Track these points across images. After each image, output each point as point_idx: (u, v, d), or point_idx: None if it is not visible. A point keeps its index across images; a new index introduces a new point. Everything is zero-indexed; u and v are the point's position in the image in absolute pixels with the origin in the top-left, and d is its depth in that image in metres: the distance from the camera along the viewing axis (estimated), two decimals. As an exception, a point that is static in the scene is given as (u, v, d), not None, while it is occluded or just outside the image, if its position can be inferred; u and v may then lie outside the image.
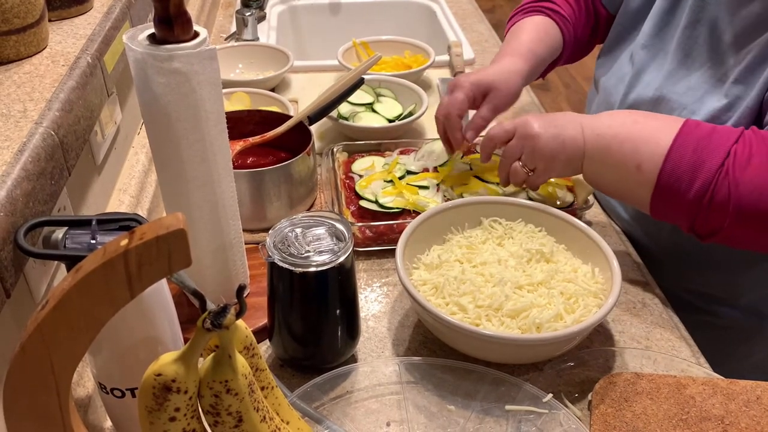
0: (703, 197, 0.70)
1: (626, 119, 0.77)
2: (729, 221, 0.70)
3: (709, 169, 0.70)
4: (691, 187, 0.71)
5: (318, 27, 1.69)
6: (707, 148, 0.71)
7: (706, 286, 0.94)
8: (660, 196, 0.74)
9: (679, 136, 0.72)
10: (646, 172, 0.73)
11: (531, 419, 0.67)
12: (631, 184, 0.76)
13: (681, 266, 0.93)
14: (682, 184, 0.71)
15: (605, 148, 0.77)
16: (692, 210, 0.72)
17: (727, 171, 0.69)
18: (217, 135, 0.66)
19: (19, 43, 0.70)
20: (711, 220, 0.71)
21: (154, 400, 0.45)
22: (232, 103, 1.13)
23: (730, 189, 0.69)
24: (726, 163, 0.70)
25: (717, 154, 0.70)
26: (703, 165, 0.70)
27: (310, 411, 0.67)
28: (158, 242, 0.40)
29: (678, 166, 0.72)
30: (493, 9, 3.96)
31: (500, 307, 0.71)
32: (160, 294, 0.57)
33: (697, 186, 0.70)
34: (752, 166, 0.69)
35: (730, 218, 0.70)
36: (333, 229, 0.68)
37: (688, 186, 0.71)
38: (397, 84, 1.20)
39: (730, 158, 0.70)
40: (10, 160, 0.55)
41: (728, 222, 0.70)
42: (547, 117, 0.82)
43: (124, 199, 0.86)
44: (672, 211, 0.75)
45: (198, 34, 0.61)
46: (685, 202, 0.72)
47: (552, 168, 0.81)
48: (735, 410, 0.65)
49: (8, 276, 0.51)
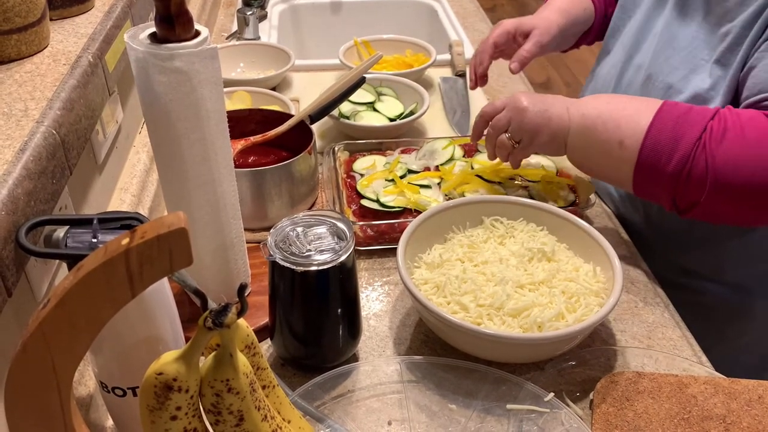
0: (682, 170, 0.73)
1: (610, 100, 0.81)
2: (707, 193, 0.73)
3: (687, 143, 0.73)
4: (671, 161, 0.74)
5: (319, 26, 1.69)
6: (685, 124, 0.74)
7: (691, 263, 0.95)
8: (641, 172, 0.77)
9: (659, 114, 0.76)
10: (628, 147, 0.76)
11: (532, 418, 0.67)
12: (614, 161, 0.79)
13: (668, 244, 0.95)
14: (662, 157, 0.74)
15: (590, 127, 0.80)
16: (672, 183, 0.75)
17: (704, 144, 0.72)
18: (219, 134, 0.66)
19: (21, 42, 0.70)
20: (690, 193, 0.74)
21: (156, 399, 0.45)
22: (234, 102, 1.13)
23: (707, 161, 0.72)
24: (703, 137, 0.73)
25: (694, 129, 0.73)
26: (682, 139, 0.73)
27: (311, 410, 0.67)
28: (159, 241, 0.40)
29: (658, 141, 0.75)
30: (494, 8, 3.95)
31: (502, 306, 0.71)
32: (162, 293, 0.57)
33: (676, 159, 0.73)
34: (727, 140, 0.72)
35: (708, 190, 0.72)
36: (334, 228, 0.68)
37: (668, 159, 0.74)
38: (399, 83, 1.20)
39: (706, 133, 0.73)
40: (11, 159, 0.55)
41: (706, 194, 0.73)
42: (536, 95, 0.87)
43: (126, 198, 0.86)
44: (653, 187, 0.77)
45: (199, 33, 0.61)
46: (665, 176, 0.75)
47: (536, 142, 0.85)
48: (737, 409, 0.65)
49: (10, 275, 0.51)
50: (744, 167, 0.71)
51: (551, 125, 0.83)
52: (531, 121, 0.84)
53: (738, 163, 0.71)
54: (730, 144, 0.72)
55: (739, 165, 0.71)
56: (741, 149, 0.71)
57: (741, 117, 0.73)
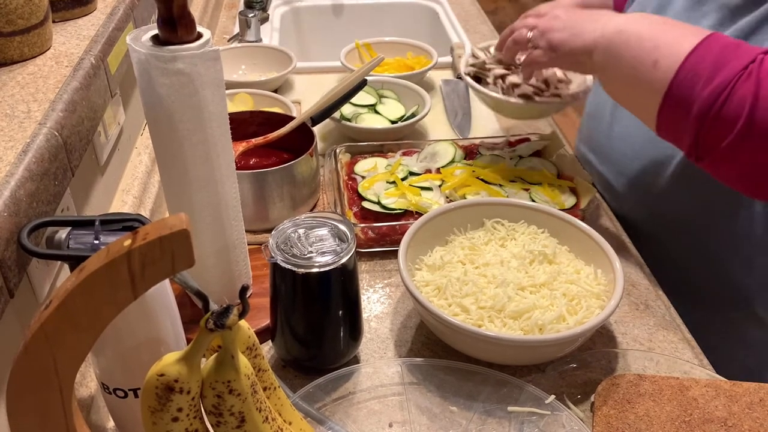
0: (716, 100, 0.65)
1: (655, 20, 0.75)
2: (737, 132, 0.65)
3: (731, 71, 0.65)
4: (706, 87, 0.66)
5: (321, 28, 1.69)
6: (732, 53, 0.67)
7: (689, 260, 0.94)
8: (671, 100, 0.70)
9: (705, 40, 0.69)
10: (662, 69, 0.70)
11: (533, 421, 0.67)
12: (643, 83, 0.72)
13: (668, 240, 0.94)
14: (698, 84, 0.67)
15: (624, 43, 0.74)
16: (701, 115, 0.67)
17: (750, 72, 0.65)
18: (220, 136, 0.66)
19: (23, 44, 0.70)
20: (718, 130, 0.66)
21: (157, 401, 0.45)
22: (235, 104, 1.14)
23: (748, 94, 0.64)
24: (750, 66, 0.65)
25: (742, 59, 0.66)
26: (725, 66, 0.66)
27: (312, 412, 0.67)
28: (161, 242, 0.40)
29: (697, 66, 0.68)
30: (495, 11, 3.95)
31: (503, 308, 0.71)
32: (163, 294, 0.57)
33: (713, 86, 0.66)
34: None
35: (740, 128, 0.65)
36: (336, 230, 0.68)
37: (704, 86, 0.66)
38: (400, 85, 1.20)
39: (755, 63, 0.65)
40: (13, 160, 0.55)
41: (736, 133, 0.65)
42: (577, 10, 0.83)
43: (127, 199, 0.86)
44: (679, 120, 0.70)
45: (201, 35, 0.61)
46: (696, 106, 0.67)
47: (552, 55, 0.82)
48: (738, 412, 0.65)
49: (12, 276, 0.51)
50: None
51: (576, 40, 0.78)
52: (554, 33, 0.80)
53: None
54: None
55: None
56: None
57: None
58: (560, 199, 0.93)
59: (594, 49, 0.78)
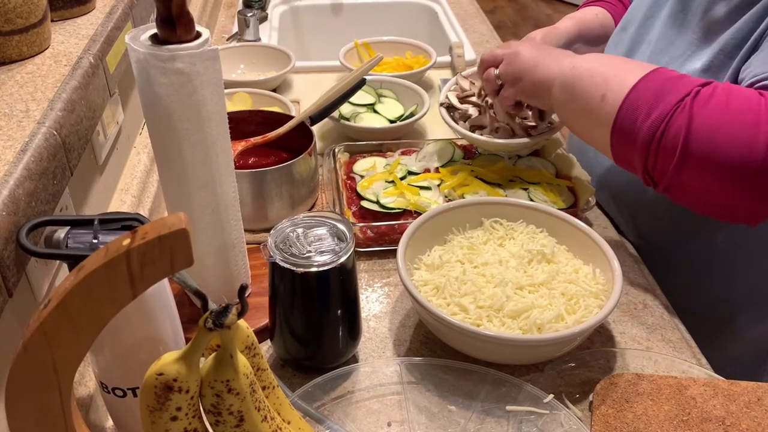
0: (656, 131, 0.69)
1: (607, 58, 0.81)
2: (677, 160, 0.69)
3: (668, 103, 0.69)
4: (647, 119, 0.70)
5: (320, 27, 1.69)
6: (672, 86, 0.71)
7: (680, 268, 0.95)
8: (618, 131, 0.73)
9: (649, 74, 0.73)
10: (609, 103, 0.74)
11: (532, 420, 0.67)
12: (594, 116, 0.77)
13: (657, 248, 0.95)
14: (639, 116, 0.71)
15: (577, 78, 0.79)
16: (645, 146, 0.71)
17: (684, 106, 0.69)
18: (219, 135, 0.66)
19: (22, 43, 0.70)
20: (661, 159, 0.70)
21: (156, 400, 0.45)
22: (234, 103, 1.14)
23: (684, 124, 0.68)
24: (686, 99, 0.69)
25: (680, 91, 0.70)
26: (664, 99, 0.70)
27: (311, 411, 0.67)
28: (160, 242, 0.40)
29: (639, 99, 0.72)
30: (494, 10, 3.96)
31: (501, 307, 0.71)
32: (162, 294, 0.57)
33: (653, 118, 0.70)
34: (710, 105, 0.68)
35: (678, 156, 0.68)
36: (334, 230, 0.68)
37: (645, 118, 0.71)
38: (399, 85, 1.20)
39: (690, 96, 0.69)
40: (12, 159, 0.55)
41: (676, 161, 0.69)
42: (539, 45, 0.88)
43: (126, 199, 0.86)
44: (628, 151, 0.74)
45: (200, 34, 0.61)
46: (639, 137, 0.71)
47: (518, 86, 0.87)
48: (736, 411, 0.65)
49: (10, 275, 0.51)
50: (720, 135, 0.66)
51: (536, 73, 0.83)
52: (518, 65, 0.85)
53: (715, 130, 0.67)
54: (712, 109, 0.68)
55: (716, 132, 0.67)
56: (721, 116, 0.67)
57: (732, 88, 0.70)
58: (559, 198, 0.93)
59: (552, 84, 0.82)
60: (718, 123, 0.67)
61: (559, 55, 0.83)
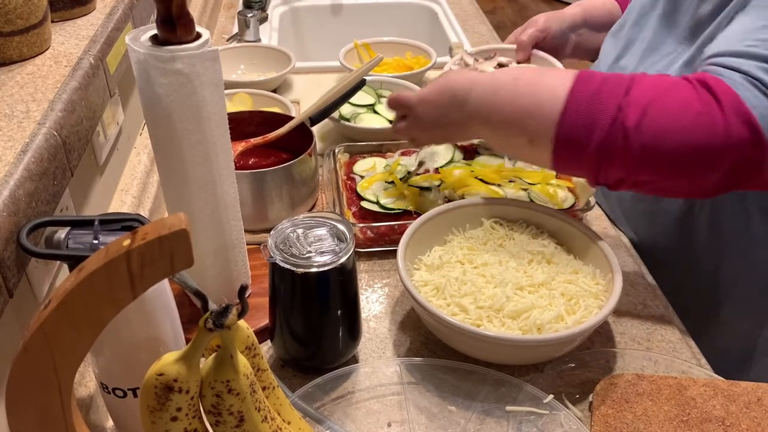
0: (601, 155, 0.69)
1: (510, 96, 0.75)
2: (631, 170, 0.69)
3: (604, 125, 0.68)
4: (589, 145, 0.69)
5: (320, 28, 1.69)
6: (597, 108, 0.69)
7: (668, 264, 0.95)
8: (560, 161, 0.73)
9: (568, 103, 0.70)
10: (540, 146, 0.72)
11: (532, 420, 0.67)
12: (529, 156, 0.77)
13: None
14: (582, 147, 0.69)
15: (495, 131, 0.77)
16: (594, 167, 0.70)
17: (621, 124, 0.67)
18: (219, 136, 0.66)
19: (22, 44, 0.70)
20: (613, 173, 0.70)
21: (156, 400, 0.45)
22: (234, 104, 1.14)
23: (629, 141, 0.67)
24: (619, 117, 0.68)
25: (609, 108, 0.68)
26: (598, 121, 0.68)
27: (311, 411, 0.67)
28: (161, 242, 0.40)
29: (571, 133, 0.70)
30: (494, 10, 3.96)
31: (501, 308, 0.71)
32: (163, 294, 0.57)
33: (595, 143, 0.68)
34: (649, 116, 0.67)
35: (632, 168, 0.69)
36: (334, 230, 0.68)
37: (585, 146, 0.69)
38: (399, 85, 1.20)
39: (622, 113, 0.68)
40: (13, 160, 0.55)
41: (631, 171, 0.69)
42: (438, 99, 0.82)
43: (126, 199, 0.86)
44: (576, 170, 0.75)
45: (200, 35, 0.61)
46: (584, 162, 0.71)
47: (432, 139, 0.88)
48: (736, 412, 0.65)
49: (11, 275, 0.51)
50: (667, 141, 0.67)
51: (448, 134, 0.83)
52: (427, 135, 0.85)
53: (661, 140, 0.67)
54: (648, 122, 0.67)
55: (663, 141, 0.67)
56: (660, 126, 0.66)
57: (655, 86, 0.69)
58: (558, 199, 0.93)
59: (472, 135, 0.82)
60: (660, 131, 0.67)
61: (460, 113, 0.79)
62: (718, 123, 0.65)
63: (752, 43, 0.69)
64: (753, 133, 0.65)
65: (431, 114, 0.82)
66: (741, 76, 0.67)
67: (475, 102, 0.77)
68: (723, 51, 0.71)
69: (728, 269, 0.91)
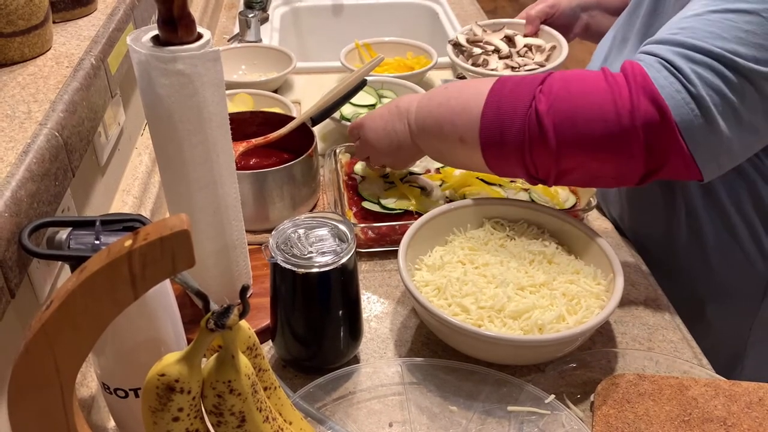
0: (522, 144, 0.72)
1: (441, 100, 0.80)
2: (555, 158, 0.71)
3: (518, 118, 0.71)
4: (508, 139, 0.72)
5: (320, 28, 1.69)
6: (511, 101, 0.73)
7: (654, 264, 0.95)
8: (490, 158, 0.76)
9: (488, 98, 0.74)
10: (469, 142, 0.76)
11: (533, 420, 0.67)
12: (464, 156, 0.79)
13: None
14: (501, 139, 0.73)
15: (430, 133, 0.81)
16: (520, 159, 0.73)
17: (534, 113, 0.70)
18: (220, 136, 0.66)
19: (24, 44, 0.70)
20: (541, 163, 0.72)
21: (158, 401, 0.45)
22: (235, 104, 1.14)
23: (543, 129, 0.70)
24: (531, 106, 0.71)
25: (522, 102, 0.72)
26: (513, 116, 0.72)
27: (312, 411, 0.67)
28: (162, 243, 0.40)
29: (492, 125, 0.73)
30: (495, 10, 3.95)
31: (502, 308, 0.71)
32: (164, 294, 0.57)
33: (512, 135, 0.72)
34: (556, 103, 0.70)
35: (555, 155, 0.71)
36: (335, 230, 0.68)
37: (506, 139, 0.72)
38: (400, 85, 1.20)
39: (535, 101, 0.71)
40: (14, 161, 0.55)
41: (555, 159, 0.71)
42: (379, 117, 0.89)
43: (128, 200, 0.86)
44: (508, 167, 0.76)
45: (201, 35, 0.61)
46: (511, 155, 0.73)
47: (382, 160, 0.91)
48: (737, 412, 0.65)
49: (13, 276, 0.51)
50: (577, 121, 0.69)
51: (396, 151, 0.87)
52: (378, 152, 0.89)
53: (569, 119, 0.69)
54: (558, 105, 0.70)
55: (571, 120, 0.69)
56: (570, 106, 0.69)
57: (566, 76, 0.72)
58: (560, 199, 0.93)
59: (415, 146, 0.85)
60: (569, 111, 0.69)
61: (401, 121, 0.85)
62: (624, 100, 0.67)
63: (675, 30, 0.70)
64: (660, 112, 0.66)
65: (379, 126, 0.88)
66: (655, 59, 0.69)
67: (415, 111, 0.83)
68: (650, 39, 0.73)
69: (711, 271, 0.91)
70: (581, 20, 1.17)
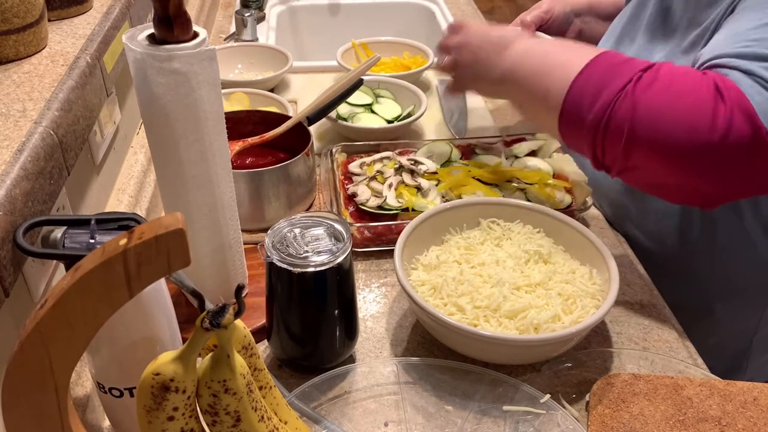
0: (601, 119, 0.70)
1: (550, 45, 0.82)
2: (624, 145, 0.69)
3: (612, 91, 0.69)
4: (592, 109, 0.70)
5: (317, 28, 1.69)
6: (616, 73, 0.71)
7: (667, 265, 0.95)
8: (566, 120, 0.74)
9: (592, 61, 0.73)
10: (554, 93, 0.74)
11: (529, 420, 0.67)
12: (541, 106, 0.78)
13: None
14: (585, 104, 0.71)
15: (521, 72, 0.80)
16: (592, 133, 0.71)
17: (627, 93, 0.68)
18: (216, 135, 0.66)
19: (19, 42, 0.70)
20: (609, 145, 0.70)
21: (153, 400, 0.45)
22: (232, 103, 1.13)
23: (628, 110, 0.68)
24: (628, 86, 0.69)
25: (623, 78, 0.70)
26: (607, 87, 0.70)
27: (308, 411, 0.67)
28: (157, 242, 0.40)
29: (584, 87, 0.72)
30: (492, 10, 3.96)
31: (498, 307, 0.71)
32: (159, 293, 0.57)
33: (597, 107, 0.70)
34: (652, 90, 0.68)
35: (625, 141, 0.69)
36: (331, 230, 0.68)
37: (589, 108, 0.71)
38: (396, 85, 1.20)
39: (632, 83, 0.69)
40: (9, 159, 0.55)
41: (623, 146, 0.69)
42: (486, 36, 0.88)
43: (123, 198, 0.86)
44: (577, 139, 0.75)
45: (197, 34, 0.61)
46: (586, 126, 0.71)
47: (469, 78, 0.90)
48: (732, 411, 0.66)
49: (7, 275, 0.51)
50: (664, 118, 0.66)
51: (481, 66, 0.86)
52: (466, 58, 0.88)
53: (658, 114, 0.67)
54: (655, 93, 0.68)
55: (660, 115, 0.67)
56: (664, 99, 0.67)
57: (675, 70, 0.70)
58: (556, 199, 0.93)
59: (501, 82, 0.84)
60: (662, 106, 0.67)
61: (506, 47, 0.83)
62: (719, 113, 0.65)
63: (748, 43, 0.69)
64: (753, 128, 0.65)
65: (479, 40, 0.87)
66: (743, 75, 0.67)
67: (516, 47, 0.82)
68: (721, 53, 0.71)
69: (722, 268, 0.91)
70: (575, 26, 1.17)
